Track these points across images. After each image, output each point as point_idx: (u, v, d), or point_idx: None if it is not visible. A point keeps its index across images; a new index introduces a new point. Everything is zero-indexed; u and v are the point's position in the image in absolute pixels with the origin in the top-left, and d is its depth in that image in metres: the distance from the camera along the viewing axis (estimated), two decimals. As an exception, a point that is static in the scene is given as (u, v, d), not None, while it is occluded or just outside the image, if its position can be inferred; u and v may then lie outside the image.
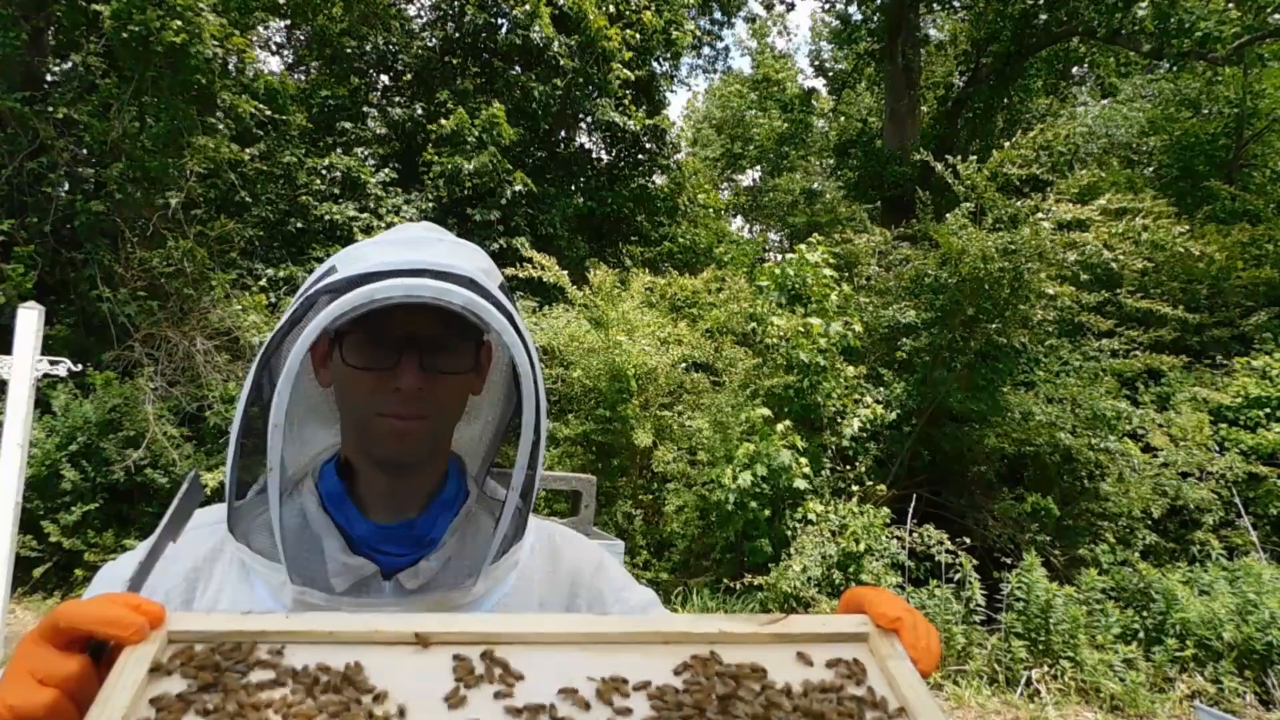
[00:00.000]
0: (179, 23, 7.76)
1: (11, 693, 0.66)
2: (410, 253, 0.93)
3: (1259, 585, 6.86)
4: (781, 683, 0.79)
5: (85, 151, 8.91)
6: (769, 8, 17.94)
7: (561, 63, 11.79)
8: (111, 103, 8.45)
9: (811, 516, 7.07)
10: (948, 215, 7.98)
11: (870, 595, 0.86)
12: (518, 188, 11.20)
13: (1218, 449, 8.68)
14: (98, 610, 0.70)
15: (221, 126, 8.99)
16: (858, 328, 7.91)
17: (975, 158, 8.03)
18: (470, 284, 0.92)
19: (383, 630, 0.78)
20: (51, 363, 5.74)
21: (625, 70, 12.25)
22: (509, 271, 9.08)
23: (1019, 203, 7.71)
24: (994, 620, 7.06)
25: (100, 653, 0.73)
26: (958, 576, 7.07)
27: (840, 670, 0.81)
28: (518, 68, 12.53)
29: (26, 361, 5.48)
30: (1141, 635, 6.84)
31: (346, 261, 0.94)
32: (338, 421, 1.05)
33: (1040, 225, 7.37)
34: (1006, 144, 8.10)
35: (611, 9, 12.61)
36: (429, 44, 12.90)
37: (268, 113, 9.90)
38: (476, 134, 10.90)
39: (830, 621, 0.84)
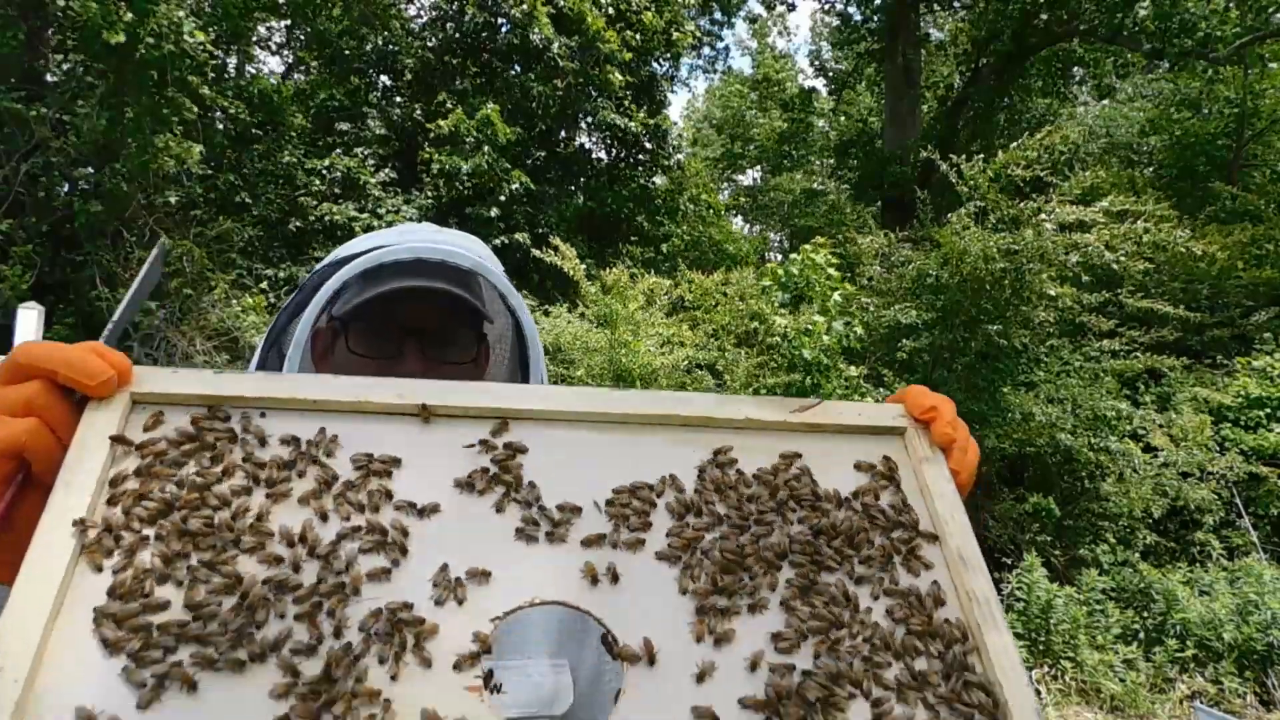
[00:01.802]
0: (130, 16, 7.67)
1: None
2: (414, 238, 0.98)
3: (1259, 585, 6.86)
4: (809, 488, 0.72)
5: (84, 152, 8.90)
6: (769, 8, 17.92)
7: (561, 64, 11.78)
8: (109, 102, 8.44)
9: (812, 517, 7.06)
10: (950, 216, 7.97)
11: (909, 389, 0.81)
12: (515, 186, 11.19)
13: (1218, 449, 8.68)
14: (61, 351, 0.63)
15: (180, 124, 8.85)
16: (859, 329, 7.90)
17: (981, 156, 8.01)
18: (474, 259, 0.96)
19: (373, 400, 0.68)
20: (51, 363, 5.73)
21: (619, 75, 12.23)
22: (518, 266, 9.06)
23: (1022, 204, 7.70)
24: (994, 621, 7.05)
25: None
26: (958, 577, 7.06)
27: (873, 473, 0.74)
28: (517, 68, 12.51)
29: (26, 362, 5.48)
30: (1142, 636, 6.83)
31: (350, 247, 1.00)
32: None
33: (1043, 226, 7.36)
34: (1013, 145, 8.08)
35: (611, 10, 12.59)
36: (429, 44, 12.89)
37: (231, 110, 9.85)
38: (474, 134, 10.90)
39: (866, 411, 0.78)
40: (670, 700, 0.62)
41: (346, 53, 12.73)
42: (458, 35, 12.57)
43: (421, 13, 13.77)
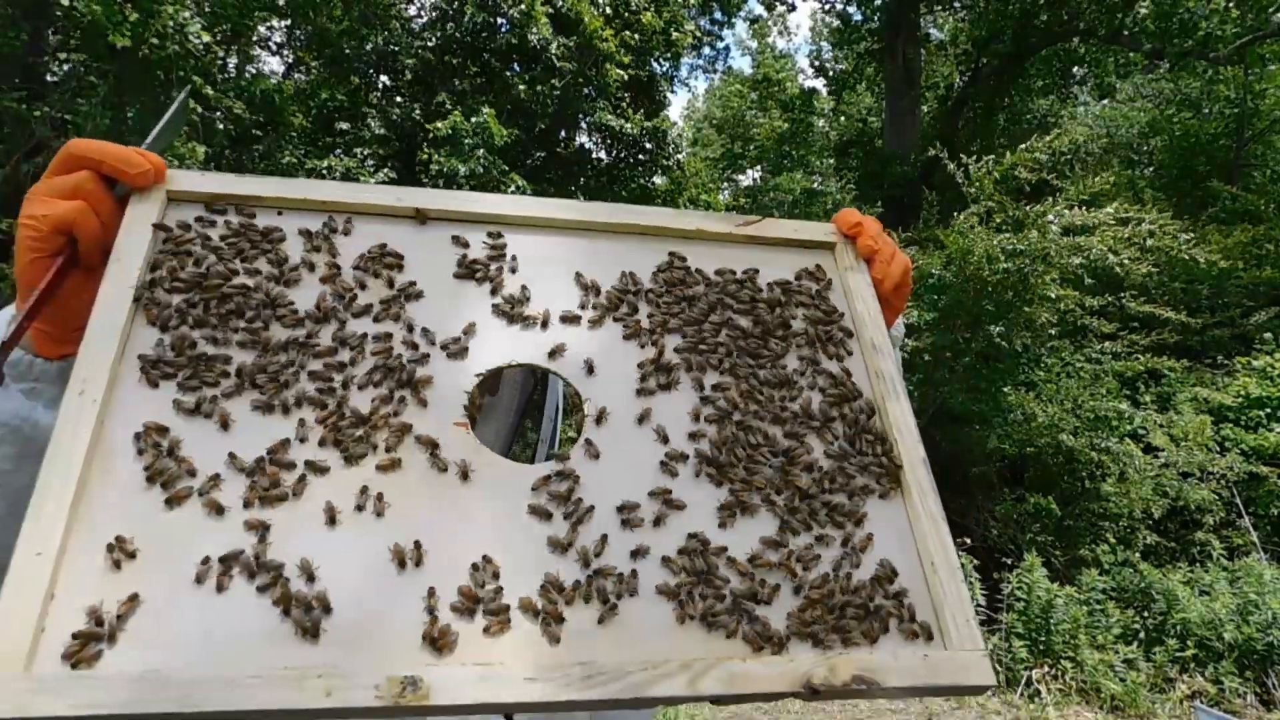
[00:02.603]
0: (136, 17, 7.68)
1: (37, 208, 0.67)
2: None
3: (1260, 585, 6.86)
4: (747, 286, 0.86)
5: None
6: (770, 8, 17.92)
7: (559, 64, 11.77)
8: (111, 102, 8.44)
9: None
10: (957, 215, 7.96)
11: (841, 211, 0.93)
12: (512, 189, 11.19)
13: (1218, 449, 8.67)
14: (107, 145, 0.71)
15: (186, 126, 8.87)
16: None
17: (991, 158, 8.01)
18: None
19: (379, 203, 0.81)
20: (52, 363, 5.73)
21: (619, 71, 12.20)
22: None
23: (1029, 206, 7.69)
24: (995, 620, 7.05)
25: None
26: (959, 577, 7.06)
27: (805, 279, 0.89)
28: (516, 67, 12.50)
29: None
30: (1142, 635, 6.83)
31: None
32: None
33: (1048, 227, 7.36)
34: (1021, 147, 8.06)
35: (609, 10, 12.57)
36: (429, 44, 12.88)
37: (232, 110, 9.84)
38: (471, 136, 10.89)
39: (801, 228, 0.92)
40: (632, 447, 0.76)
41: (347, 52, 12.72)
42: (457, 35, 12.56)
43: (422, 13, 13.77)
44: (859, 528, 0.74)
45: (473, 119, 10.92)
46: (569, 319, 0.81)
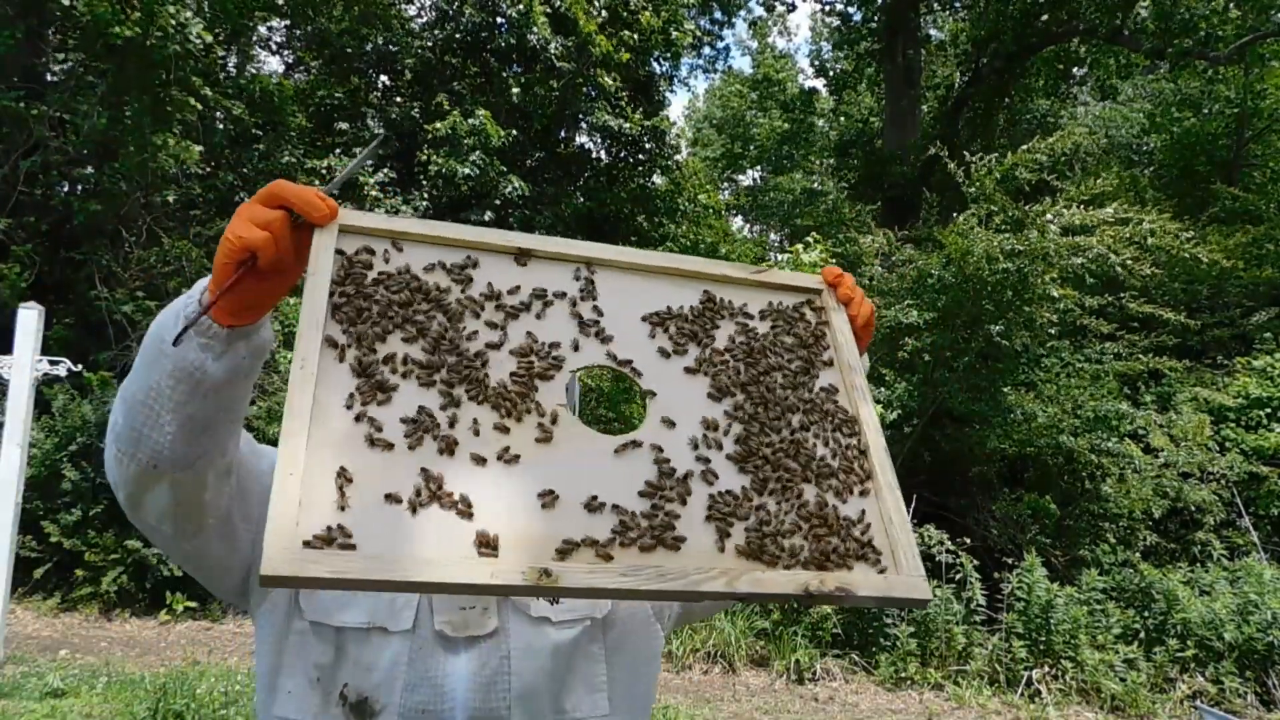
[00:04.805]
0: (138, 14, 7.68)
1: (239, 229, 0.90)
2: None
3: (1260, 585, 6.86)
4: (759, 319, 1.15)
5: (85, 151, 8.88)
6: (770, 8, 17.92)
7: (558, 64, 11.75)
8: (108, 101, 8.43)
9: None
10: (957, 216, 7.95)
11: (826, 268, 1.20)
12: (507, 190, 11.18)
13: (1219, 449, 8.67)
14: (302, 190, 0.95)
15: (180, 123, 8.84)
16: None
17: (995, 156, 7.99)
18: None
19: (489, 241, 1.08)
20: (52, 363, 5.73)
21: (610, 79, 12.18)
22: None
23: (1028, 206, 7.68)
24: (995, 620, 7.05)
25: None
26: (958, 577, 7.05)
27: (802, 315, 1.18)
28: (516, 67, 12.50)
29: (27, 361, 5.47)
30: (1142, 635, 6.83)
31: None
32: None
33: (1048, 227, 7.35)
34: (1022, 148, 8.04)
35: (607, 10, 12.55)
36: (428, 44, 12.87)
37: (232, 110, 9.84)
38: (468, 138, 10.88)
39: (796, 277, 1.20)
40: (685, 430, 1.02)
41: (348, 51, 12.71)
42: (457, 35, 12.55)
43: (421, 13, 13.77)
44: (842, 497, 1.02)
45: (470, 120, 10.91)
46: (637, 337, 1.08)
